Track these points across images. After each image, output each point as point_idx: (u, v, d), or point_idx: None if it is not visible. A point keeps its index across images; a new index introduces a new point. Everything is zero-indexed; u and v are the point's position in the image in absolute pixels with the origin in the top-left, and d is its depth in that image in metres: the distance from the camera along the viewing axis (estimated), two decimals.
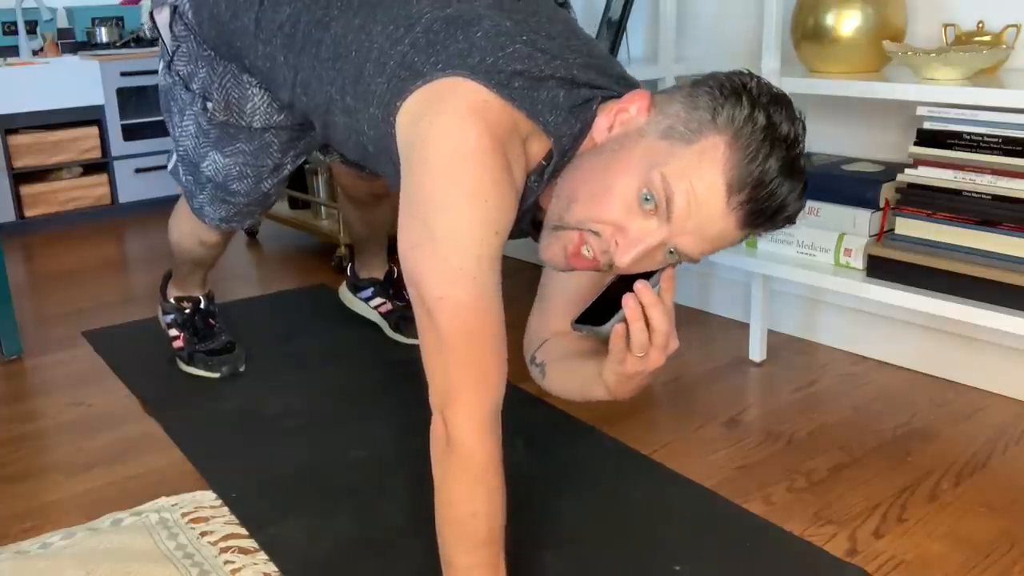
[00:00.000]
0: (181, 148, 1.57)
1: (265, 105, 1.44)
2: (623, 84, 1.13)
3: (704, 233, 0.97)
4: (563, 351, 1.24)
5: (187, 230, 1.76)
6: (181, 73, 1.49)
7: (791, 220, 1.00)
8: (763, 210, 0.96)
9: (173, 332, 1.95)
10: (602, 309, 1.04)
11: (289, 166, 1.56)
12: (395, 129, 1.09)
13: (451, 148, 1.00)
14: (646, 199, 0.96)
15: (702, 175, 0.95)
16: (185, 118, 1.53)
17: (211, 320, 1.96)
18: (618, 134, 1.02)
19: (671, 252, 1.00)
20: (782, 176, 0.95)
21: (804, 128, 1.00)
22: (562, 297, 1.28)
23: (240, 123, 1.47)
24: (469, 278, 1.00)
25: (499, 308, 1.05)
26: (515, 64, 1.05)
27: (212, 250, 1.80)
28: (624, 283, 1.04)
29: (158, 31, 1.51)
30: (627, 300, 0.99)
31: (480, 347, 1.03)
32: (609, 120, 1.04)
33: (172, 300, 1.96)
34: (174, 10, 1.46)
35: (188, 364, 1.91)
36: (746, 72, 1.01)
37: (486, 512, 1.06)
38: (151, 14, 1.53)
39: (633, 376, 1.04)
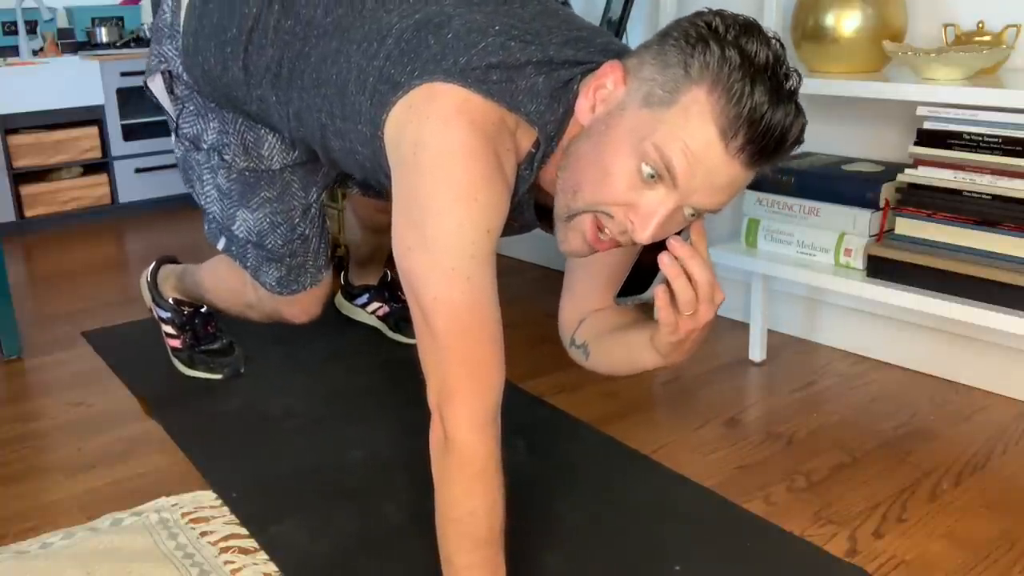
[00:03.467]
0: (210, 215, 1.55)
1: (280, 143, 1.44)
2: (608, 54, 1.09)
3: (714, 185, 0.95)
4: (603, 326, 1.23)
5: (252, 299, 1.66)
6: (189, 135, 1.48)
7: (799, 141, 0.97)
8: (765, 145, 0.93)
9: (170, 331, 1.92)
10: (640, 277, 1.04)
11: (315, 205, 1.52)
12: (384, 142, 1.10)
13: (438, 150, 1.00)
14: (648, 175, 0.96)
15: (693, 132, 0.93)
16: (205, 184, 1.51)
17: (210, 326, 1.93)
18: (601, 113, 1.01)
19: (691, 213, 0.99)
20: (772, 105, 0.92)
21: (782, 46, 0.96)
22: (591, 277, 1.27)
23: (260, 167, 1.45)
24: (463, 278, 1.00)
25: (495, 307, 1.05)
26: (489, 58, 1.04)
27: (299, 318, 1.65)
28: (656, 247, 1.02)
29: (156, 99, 1.51)
30: (663, 259, 0.98)
31: (476, 346, 1.03)
32: (589, 100, 1.03)
33: (171, 300, 1.91)
34: (169, 75, 1.46)
35: (188, 367, 1.91)
36: (707, 11, 0.98)
37: (485, 511, 1.06)
38: (146, 84, 1.52)
39: (686, 337, 1.03)
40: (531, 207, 1.16)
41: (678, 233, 1.01)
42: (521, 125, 1.05)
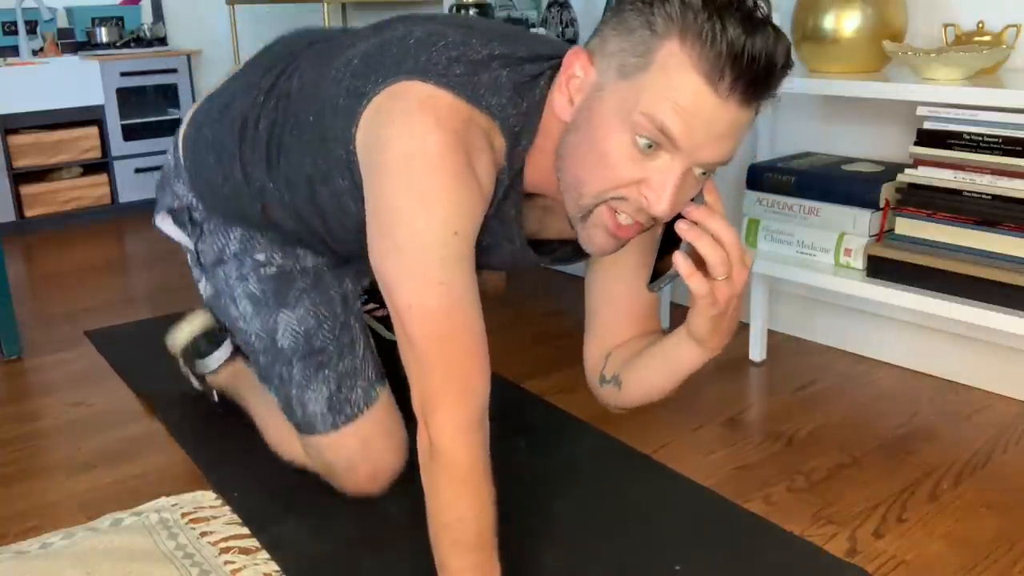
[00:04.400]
0: (252, 337, 1.40)
1: (298, 249, 1.40)
2: (558, 53, 1.08)
3: (717, 134, 0.91)
4: (632, 351, 1.19)
5: (321, 462, 1.41)
6: (212, 256, 1.43)
7: (788, 65, 0.92)
8: (756, 76, 0.89)
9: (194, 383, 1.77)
10: (665, 260, 1.00)
11: (351, 296, 1.42)
12: (356, 155, 1.07)
13: (402, 150, 0.98)
14: (647, 145, 0.92)
15: (678, 86, 0.89)
16: (239, 302, 1.40)
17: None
18: (580, 102, 0.98)
19: (702, 173, 0.95)
20: (749, 34, 0.88)
21: None
22: (611, 311, 1.23)
23: (294, 266, 1.39)
24: (436, 283, 0.99)
25: (473, 310, 1.02)
26: (450, 52, 1.03)
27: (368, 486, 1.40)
28: (671, 236, 1.00)
29: (173, 239, 1.50)
30: (680, 225, 0.95)
31: (455, 352, 1.01)
32: (565, 94, 1.00)
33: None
34: (177, 211, 1.46)
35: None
36: None
37: (474, 516, 1.05)
38: (156, 226, 1.51)
39: (726, 307, 0.99)
40: (520, 228, 1.11)
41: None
42: (493, 125, 1.02)
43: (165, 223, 1.51)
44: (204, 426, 1.70)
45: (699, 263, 0.97)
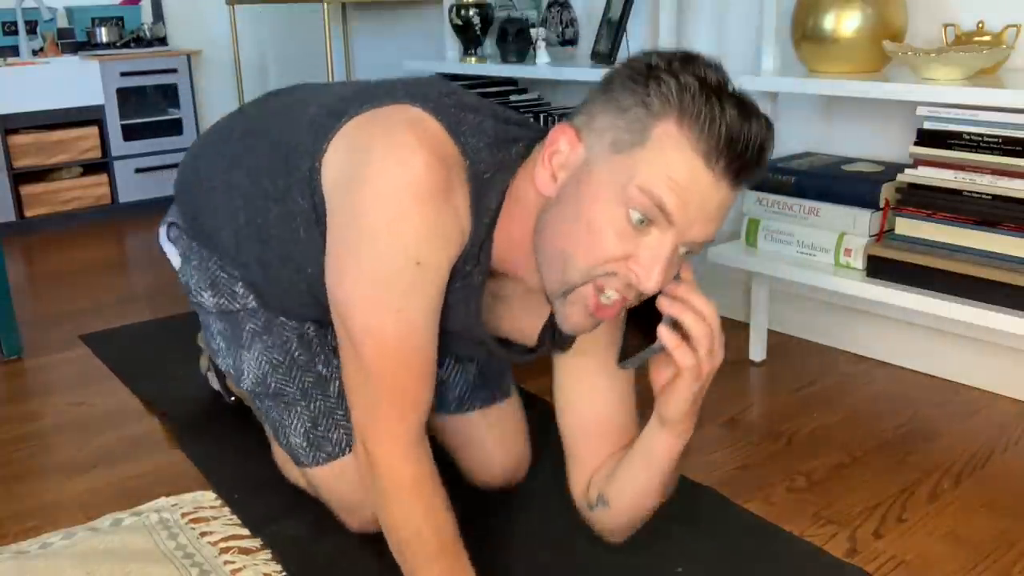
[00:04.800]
0: (230, 371, 1.38)
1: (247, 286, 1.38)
2: (544, 132, 1.07)
3: (708, 213, 0.91)
4: (611, 466, 1.17)
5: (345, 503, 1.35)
6: (185, 284, 1.42)
7: (770, 149, 0.93)
8: (748, 160, 0.90)
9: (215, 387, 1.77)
10: (637, 337, 1.00)
11: (315, 335, 1.34)
12: (321, 173, 1.06)
13: (384, 169, 0.96)
14: (639, 220, 0.91)
15: (675, 164, 0.89)
16: (215, 337, 1.39)
17: None
18: (565, 178, 0.95)
19: (685, 252, 0.95)
20: (744, 120, 0.89)
21: (720, 65, 0.94)
22: (587, 435, 1.20)
23: (239, 305, 1.36)
24: (394, 309, 0.99)
25: (426, 338, 1.02)
26: (442, 89, 1.05)
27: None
28: (637, 311, 1.00)
29: (167, 255, 1.49)
30: (662, 302, 0.96)
31: (401, 377, 1.02)
32: (548, 169, 0.97)
33: (233, 398, 1.71)
34: (170, 225, 1.47)
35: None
36: (640, 54, 0.95)
37: (432, 528, 1.06)
38: (157, 239, 1.50)
39: (706, 382, 1.00)
40: (479, 294, 1.07)
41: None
42: (463, 165, 1.00)
43: (161, 235, 1.50)
44: (204, 426, 1.70)
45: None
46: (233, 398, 1.71)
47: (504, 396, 1.43)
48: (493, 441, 1.40)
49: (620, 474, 1.14)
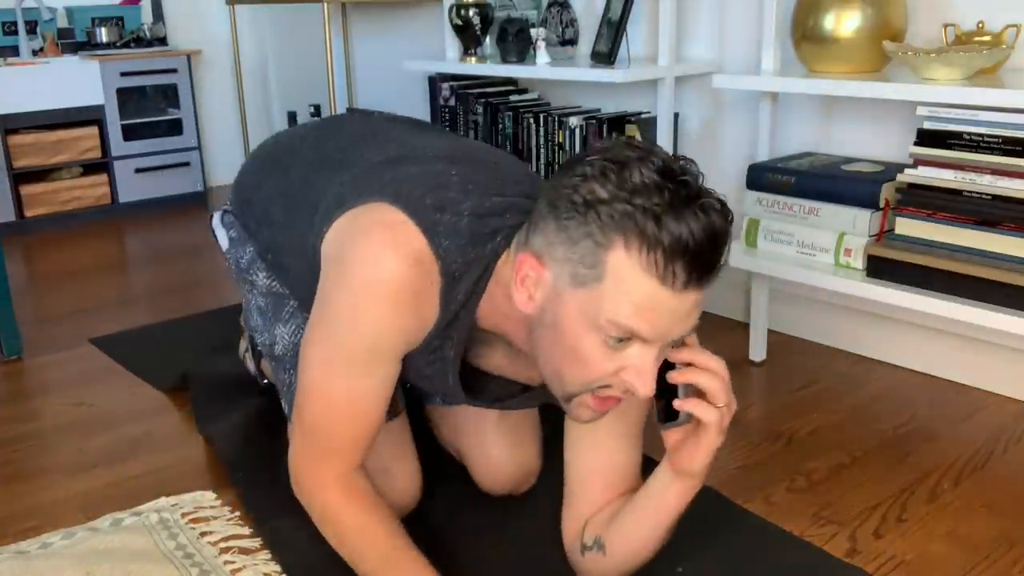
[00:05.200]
0: (262, 347, 1.44)
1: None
2: (521, 196, 1.13)
3: (680, 318, 0.93)
4: (611, 512, 1.18)
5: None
6: (233, 259, 1.48)
7: (729, 232, 0.93)
8: (707, 259, 0.90)
9: (249, 370, 1.80)
10: (667, 402, 1.03)
11: None
12: (320, 253, 1.15)
13: (360, 263, 1.05)
14: (616, 341, 0.94)
15: (635, 291, 0.91)
16: (252, 313, 1.46)
17: None
18: (541, 299, 0.99)
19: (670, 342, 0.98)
20: (688, 222, 0.88)
21: (652, 144, 0.95)
22: (590, 481, 1.20)
23: (282, 290, 1.45)
24: (343, 377, 1.08)
25: (368, 409, 1.10)
26: (429, 184, 1.10)
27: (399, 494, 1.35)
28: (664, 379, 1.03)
29: (216, 237, 1.53)
30: (673, 375, 1.00)
31: (338, 438, 1.11)
32: (523, 291, 1.01)
33: (266, 381, 1.75)
34: (225, 211, 1.52)
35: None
36: (575, 160, 0.96)
37: (366, 542, 1.12)
38: (211, 224, 1.55)
39: (725, 432, 1.02)
40: (455, 369, 1.14)
41: None
42: (435, 263, 1.06)
43: (215, 220, 1.55)
44: (206, 426, 1.70)
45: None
46: (266, 380, 1.71)
47: None
48: (505, 444, 1.40)
49: (623, 521, 1.14)
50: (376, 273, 1.04)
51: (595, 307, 0.93)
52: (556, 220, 0.95)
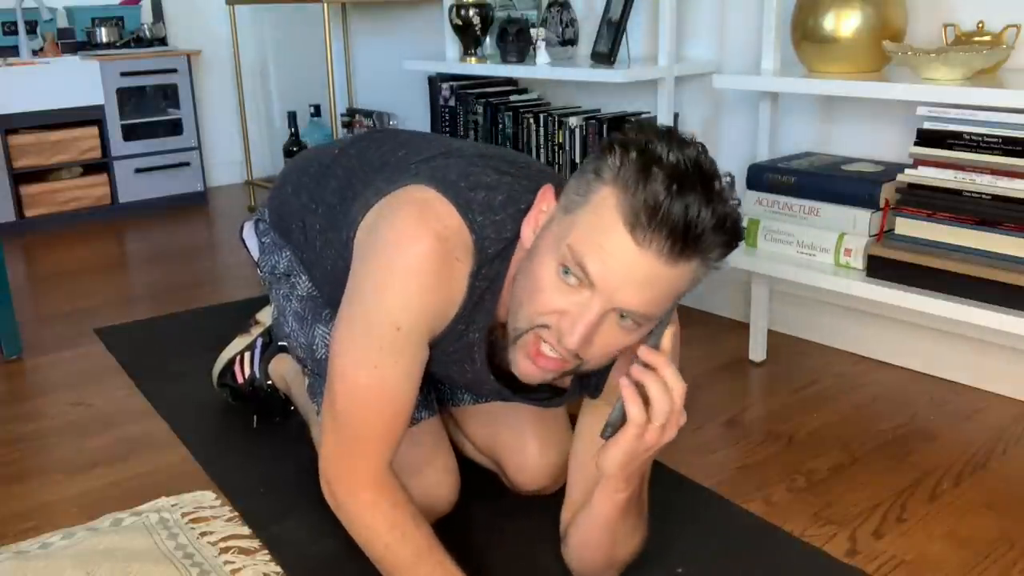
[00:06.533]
0: (300, 351, 1.41)
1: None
2: (544, 177, 1.15)
3: (635, 280, 0.92)
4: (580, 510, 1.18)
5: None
6: (267, 267, 1.48)
7: (721, 229, 0.92)
8: (672, 232, 0.90)
9: (246, 369, 1.73)
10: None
11: None
12: (355, 241, 1.16)
13: (387, 241, 1.06)
14: (564, 271, 0.95)
15: (603, 227, 0.92)
16: (288, 318, 1.43)
17: (276, 411, 1.74)
18: (539, 231, 1.02)
19: (623, 316, 0.96)
20: (671, 195, 0.89)
21: (702, 149, 0.95)
22: (583, 476, 1.20)
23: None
24: (371, 364, 1.06)
25: (401, 394, 1.09)
26: (462, 169, 1.11)
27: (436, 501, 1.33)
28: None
29: (247, 245, 1.55)
30: (634, 369, 0.96)
31: (367, 428, 1.09)
32: (531, 225, 1.05)
33: (270, 382, 1.70)
34: (258, 220, 1.53)
35: (232, 398, 1.75)
36: (629, 124, 0.99)
37: (398, 540, 1.09)
38: (241, 234, 1.57)
39: (646, 451, 1.00)
40: (481, 352, 1.14)
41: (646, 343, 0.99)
42: (470, 240, 1.06)
43: (248, 231, 1.56)
44: (205, 426, 1.70)
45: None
46: (270, 381, 1.70)
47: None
48: (541, 442, 1.40)
49: (578, 517, 1.16)
50: (401, 250, 1.04)
51: (566, 230, 0.96)
52: (586, 159, 0.99)
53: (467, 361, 1.16)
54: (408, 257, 1.04)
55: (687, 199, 0.90)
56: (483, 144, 1.37)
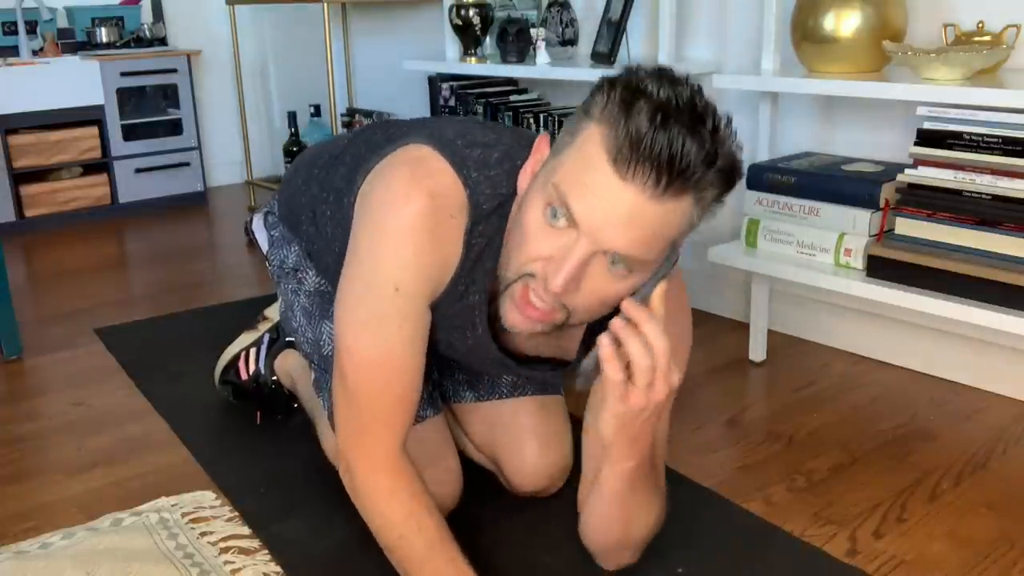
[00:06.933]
0: (307, 347, 1.41)
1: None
2: None
3: (619, 218, 0.88)
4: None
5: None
6: (276, 260, 1.47)
7: (712, 165, 0.88)
8: (656, 165, 0.86)
9: (251, 366, 1.72)
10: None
11: None
12: (355, 205, 1.15)
13: (380, 201, 1.05)
14: (553, 214, 0.92)
15: (586, 162, 0.90)
16: (296, 313, 1.43)
17: (279, 409, 1.74)
18: (531, 182, 1.00)
19: (613, 262, 0.92)
20: (655, 127, 0.86)
21: (698, 89, 0.90)
22: (596, 453, 1.18)
23: (330, 289, 1.43)
24: (372, 333, 1.06)
25: (408, 362, 1.08)
26: (458, 129, 1.11)
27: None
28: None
29: (256, 239, 1.56)
30: (615, 322, 0.92)
31: (381, 401, 1.08)
32: (528, 171, 1.02)
33: (275, 378, 1.70)
34: (267, 213, 1.53)
35: (233, 396, 1.74)
36: (633, 67, 0.94)
37: (414, 531, 1.08)
38: (249, 228, 1.57)
39: (637, 414, 0.95)
40: (482, 315, 1.12)
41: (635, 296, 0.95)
42: (464, 196, 1.05)
43: (257, 223, 1.56)
44: (205, 426, 1.70)
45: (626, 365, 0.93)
46: (275, 378, 1.70)
47: (555, 391, 1.44)
48: (539, 442, 1.39)
49: (589, 493, 1.14)
50: (395, 210, 1.03)
51: (553, 170, 0.94)
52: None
53: (468, 327, 1.14)
54: (401, 217, 1.03)
55: (671, 131, 0.86)
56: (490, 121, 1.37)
